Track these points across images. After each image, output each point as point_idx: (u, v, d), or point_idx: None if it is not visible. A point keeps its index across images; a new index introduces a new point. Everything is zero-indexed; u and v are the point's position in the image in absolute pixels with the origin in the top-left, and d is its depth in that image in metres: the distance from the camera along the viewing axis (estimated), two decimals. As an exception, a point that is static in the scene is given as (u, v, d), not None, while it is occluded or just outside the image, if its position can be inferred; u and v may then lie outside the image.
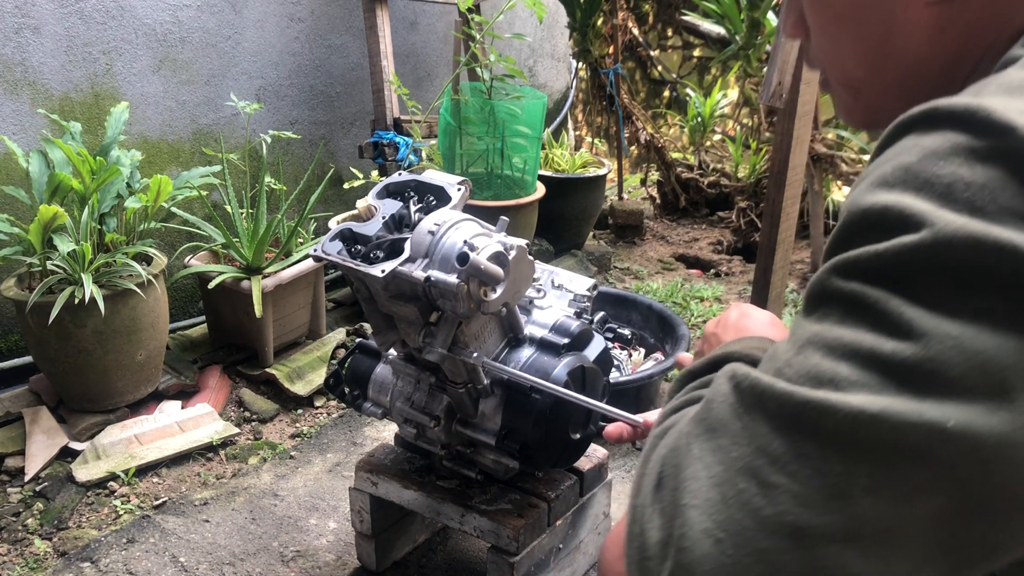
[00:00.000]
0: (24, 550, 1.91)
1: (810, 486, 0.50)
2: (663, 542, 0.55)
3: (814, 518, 0.50)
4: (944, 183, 0.51)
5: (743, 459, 0.53)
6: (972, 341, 0.49)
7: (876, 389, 0.50)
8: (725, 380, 0.57)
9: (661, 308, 2.69)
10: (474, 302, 1.30)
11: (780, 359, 0.55)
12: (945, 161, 0.52)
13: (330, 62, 3.20)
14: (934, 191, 0.51)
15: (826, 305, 0.55)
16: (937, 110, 0.54)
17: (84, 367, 2.20)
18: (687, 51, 5.19)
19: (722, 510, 0.52)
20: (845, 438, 0.50)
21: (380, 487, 1.71)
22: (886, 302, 0.51)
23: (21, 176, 2.32)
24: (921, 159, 0.53)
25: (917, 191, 0.52)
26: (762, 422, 0.53)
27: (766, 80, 2.34)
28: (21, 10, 2.32)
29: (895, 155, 0.55)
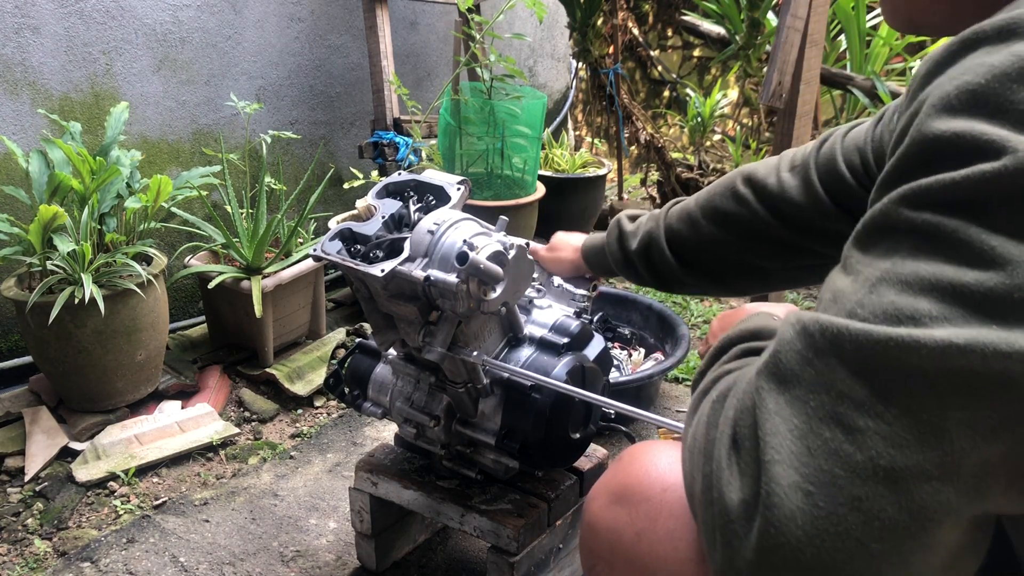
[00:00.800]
0: (24, 550, 1.91)
1: (900, 425, 0.48)
2: (747, 502, 0.53)
3: (909, 458, 0.48)
4: (1019, 108, 0.49)
5: (824, 406, 0.50)
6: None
7: (961, 321, 0.48)
8: (790, 328, 0.54)
9: (661, 308, 2.69)
10: (474, 301, 1.30)
11: (849, 300, 0.52)
12: (1019, 83, 0.49)
13: (330, 62, 3.20)
14: (1008, 117, 0.49)
15: (893, 238, 0.52)
16: (1015, 22, 0.51)
17: (84, 367, 2.20)
18: (687, 51, 5.19)
19: (809, 462, 0.50)
20: (934, 372, 0.48)
21: (380, 487, 1.71)
22: (965, 231, 0.49)
23: (21, 176, 2.32)
24: (991, 80, 0.50)
25: (990, 117, 0.49)
26: (839, 366, 0.51)
27: (766, 80, 2.34)
28: (21, 10, 2.32)
29: (959, 74, 0.51)
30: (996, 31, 0.52)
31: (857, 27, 3.46)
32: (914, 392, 0.48)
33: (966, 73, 0.51)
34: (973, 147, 0.49)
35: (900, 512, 0.48)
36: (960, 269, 0.49)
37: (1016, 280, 0.47)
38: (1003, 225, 0.48)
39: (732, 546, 0.53)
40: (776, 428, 0.52)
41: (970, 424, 0.48)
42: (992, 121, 0.49)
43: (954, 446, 0.48)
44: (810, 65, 2.40)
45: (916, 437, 0.48)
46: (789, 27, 2.28)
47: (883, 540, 0.48)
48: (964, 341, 0.47)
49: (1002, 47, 0.51)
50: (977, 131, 0.49)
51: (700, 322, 3.16)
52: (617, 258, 1.48)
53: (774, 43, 2.34)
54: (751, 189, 1.30)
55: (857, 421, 0.49)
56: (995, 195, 0.49)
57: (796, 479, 0.50)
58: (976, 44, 0.53)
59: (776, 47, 2.31)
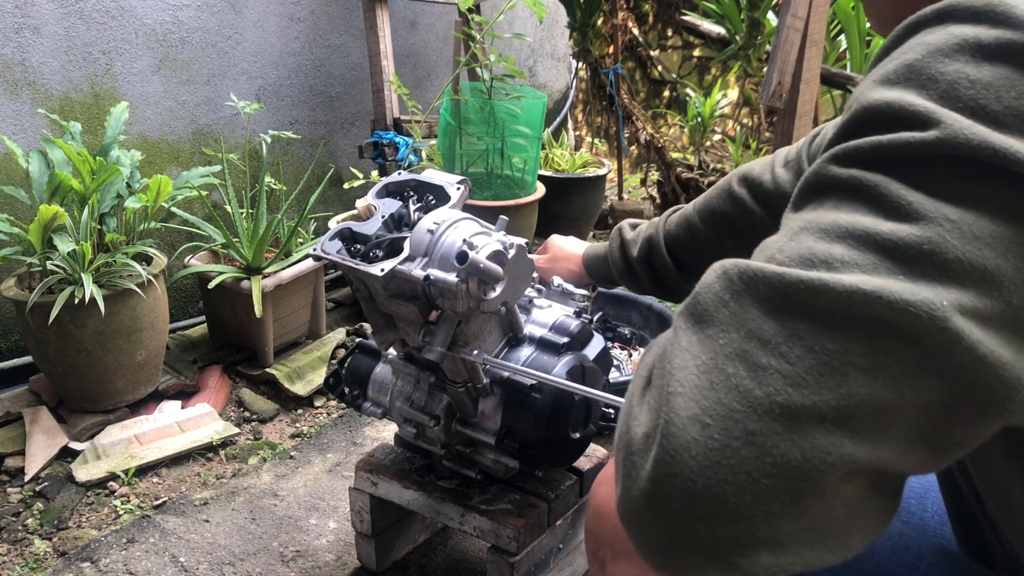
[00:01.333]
0: (24, 550, 1.91)
1: (801, 365, 0.49)
2: (648, 435, 0.53)
3: (806, 398, 0.48)
4: (948, 80, 0.51)
5: (732, 344, 0.51)
6: (972, 226, 0.49)
7: (871, 269, 0.49)
8: (712, 272, 0.55)
9: (661, 308, 2.69)
10: (473, 301, 1.29)
11: (771, 247, 0.54)
12: (950, 58, 0.52)
13: (330, 62, 3.20)
14: (937, 88, 0.51)
15: (821, 194, 0.55)
16: (951, 6, 0.54)
17: (84, 367, 2.20)
18: (687, 51, 5.19)
19: (710, 395, 0.51)
20: (839, 317, 0.49)
21: (380, 487, 1.71)
22: (886, 185, 0.51)
23: (21, 176, 2.32)
24: (925, 56, 0.52)
25: (920, 88, 0.52)
26: (751, 306, 0.52)
27: (766, 80, 2.34)
28: (21, 10, 2.32)
29: (900, 54, 0.54)
30: (935, 14, 0.55)
31: (857, 27, 3.46)
32: (818, 334, 0.49)
33: (906, 52, 0.54)
34: (902, 116, 0.52)
35: (792, 449, 0.48)
36: (877, 220, 0.50)
37: (927, 233, 0.49)
38: (924, 184, 0.50)
39: (630, 477, 0.53)
40: (684, 363, 0.53)
41: (870, 372, 0.48)
42: (921, 92, 0.52)
43: (851, 391, 0.48)
44: (810, 65, 2.40)
45: (815, 378, 0.49)
46: (789, 27, 2.28)
47: (774, 476, 0.48)
48: (871, 288, 0.48)
49: (940, 28, 0.54)
50: (907, 101, 0.52)
51: (700, 322, 3.16)
52: (619, 267, 1.49)
53: (774, 43, 2.34)
54: (747, 188, 1.30)
55: (761, 359, 0.50)
56: (920, 158, 0.51)
57: (695, 411, 0.51)
58: (918, 27, 0.56)
59: (776, 47, 2.31)
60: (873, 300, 0.48)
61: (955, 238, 0.48)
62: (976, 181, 0.49)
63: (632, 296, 2.79)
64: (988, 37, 0.51)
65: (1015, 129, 0.49)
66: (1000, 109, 0.50)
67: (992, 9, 0.52)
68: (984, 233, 0.49)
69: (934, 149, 0.50)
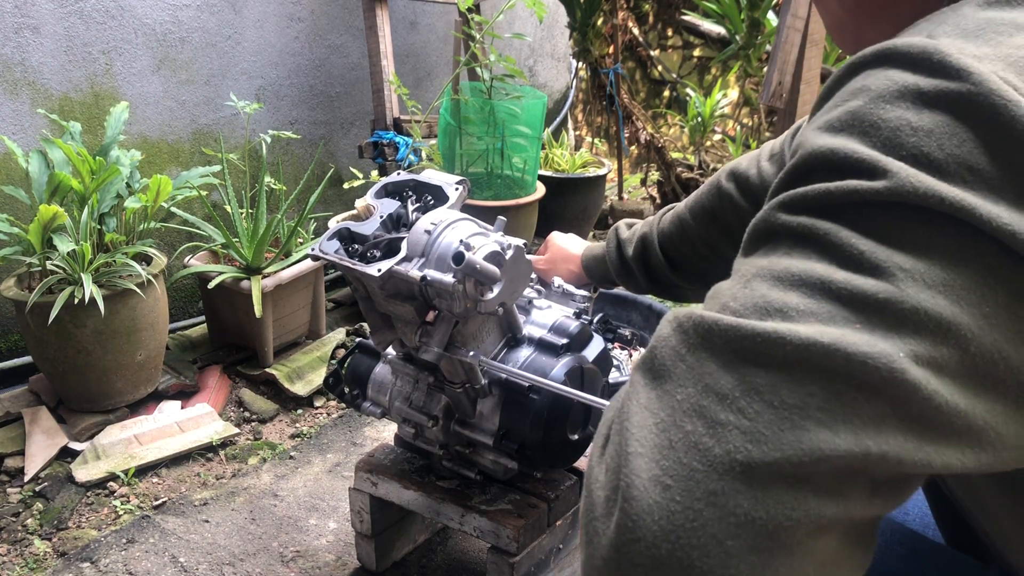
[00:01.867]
0: (24, 550, 1.91)
1: (761, 420, 0.48)
2: (609, 497, 0.52)
3: (766, 454, 0.47)
4: (890, 127, 0.51)
5: (689, 400, 0.50)
6: (924, 274, 0.48)
7: (828, 319, 0.49)
8: (666, 323, 0.55)
9: (661, 308, 2.68)
10: (470, 301, 1.29)
11: (724, 295, 0.54)
12: (891, 104, 0.52)
13: (330, 62, 3.20)
14: (880, 135, 0.51)
15: (771, 241, 0.54)
16: (889, 50, 0.54)
17: (84, 367, 2.20)
18: (687, 51, 5.19)
19: (669, 455, 0.49)
20: (797, 369, 0.48)
21: (380, 487, 1.71)
22: (836, 233, 0.51)
23: (21, 176, 2.33)
24: (868, 102, 0.53)
25: (863, 135, 0.52)
26: (708, 360, 0.51)
27: (766, 80, 2.34)
28: (21, 10, 2.32)
29: (843, 98, 0.55)
30: (874, 56, 0.55)
31: (857, 27, 3.46)
32: (777, 387, 0.48)
33: (848, 97, 0.54)
34: (848, 163, 0.52)
35: (755, 508, 0.47)
36: (830, 267, 0.50)
37: (882, 282, 0.48)
38: (875, 232, 0.50)
39: (592, 543, 0.52)
40: (643, 421, 0.52)
41: (830, 426, 0.47)
42: (865, 140, 0.52)
43: (813, 446, 0.47)
44: (810, 65, 2.40)
45: (774, 433, 0.47)
46: (789, 27, 2.28)
47: (739, 537, 0.47)
48: (828, 340, 0.47)
49: (880, 71, 0.54)
50: (850, 148, 0.52)
51: (700, 322, 3.16)
52: (616, 266, 1.49)
53: (774, 43, 2.33)
54: (734, 183, 1.31)
55: (719, 415, 0.49)
56: (869, 206, 0.50)
57: (656, 472, 0.49)
58: (859, 68, 0.56)
59: (776, 47, 2.31)
60: (831, 352, 0.47)
61: (909, 287, 0.48)
62: (925, 229, 0.49)
63: (632, 296, 2.79)
64: (927, 85, 0.51)
65: (958, 177, 0.49)
66: (943, 157, 0.50)
67: (928, 57, 0.52)
68: (937, 281, 0.48)
69: (883, 197, 0.50)
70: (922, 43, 0.53)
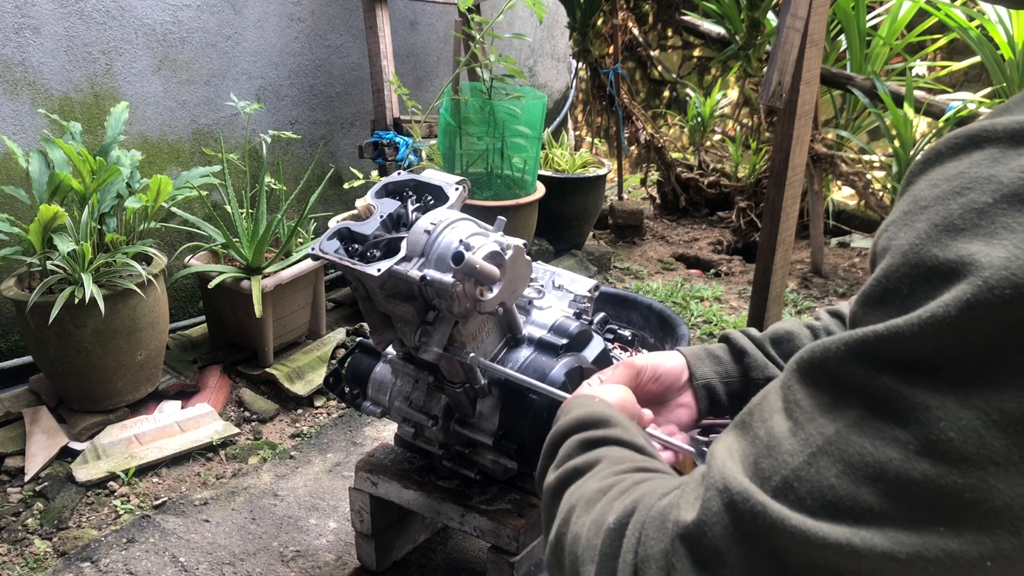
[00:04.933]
0: (24, 550, 1.91)
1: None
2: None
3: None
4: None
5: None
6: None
7: (907, 523, 0.43)
8: (717, 498, 0.49)
9: (661, 308, 2.68)
10: (470, 301, 1.29)
11: (786, 462, 0.47)
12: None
13: (330, 62, 3.20)
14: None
15: (839, 391, 0.47)
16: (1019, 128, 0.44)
17: (84, 367, 2.20)
18: (687, 51, 5.19)
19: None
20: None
21: (380, 487, 1.71)
22: (924, 413, 0.43)
23: (21, 176, 2.33)
24: (1000, 200, 0.43)
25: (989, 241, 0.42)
26: (767, 558, 0.47)
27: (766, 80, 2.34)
28: (21, 10, 2.32)
29: (963, 185, 0.45)
30: (1006, 133, 0.45)
31: (857, 27, 3.46)
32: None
33: (974, 185, 0.45)
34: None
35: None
36: (910, 458, 0.43)
37: (969, 476, 0.42)
38: (968, 403, 0.42)
39: None
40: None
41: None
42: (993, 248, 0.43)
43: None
44: (810, 65, 2.40)
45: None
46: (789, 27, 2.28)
47: None
48: (906, 554, 0.43)
49: (1011, 153, 0.44)
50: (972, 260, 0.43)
51: (700, 322, 3.16)
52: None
53: (774, 43, 2.33)
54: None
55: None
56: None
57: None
58: (976, 145, 0.46)
59: (776, 47, 2.31)
60: (907, 564, 0.43)
61: (1001, 480, 0.42)
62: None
63: (632, 296, 2.79)
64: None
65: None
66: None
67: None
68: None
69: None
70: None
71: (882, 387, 0.45)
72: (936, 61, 4.23)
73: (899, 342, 0.44)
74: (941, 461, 0.42)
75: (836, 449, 0.45)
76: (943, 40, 3.88)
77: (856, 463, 0.44)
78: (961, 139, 0.46)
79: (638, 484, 0.61)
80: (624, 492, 0.60)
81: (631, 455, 0.69)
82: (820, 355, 0.48)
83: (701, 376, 0.95)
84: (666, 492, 0.57)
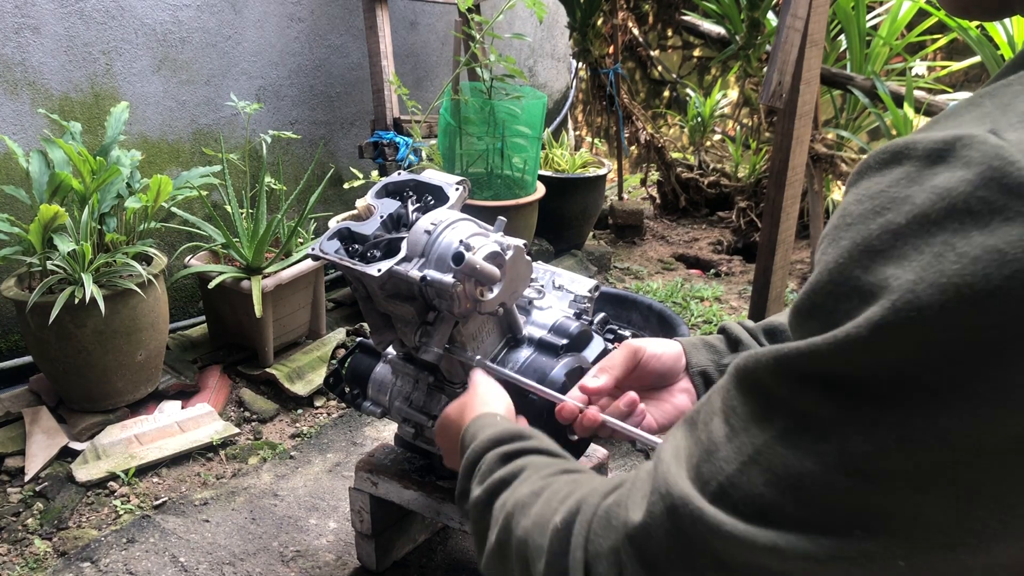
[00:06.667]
0: (24, 550, 1.91)
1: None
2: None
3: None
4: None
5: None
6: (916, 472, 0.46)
7: (824, 529, 0.48)
8: (660, 503, 0.54)
9: (661, 308, 2.69)
10: (470, 302, 1.29)
11: (721, 468, 0.51)
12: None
13: (330, 62, 3.20)
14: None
15: (768, 403, 0.51)
16: (936, 145, 0.45)
17: (84, 367, 2.21)
18: (687, 51, 5.19)
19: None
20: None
21: (380, 487, 1.71)
22: (841, 429, 0.48)
23: (21, 176, 2.33)
24: (911, 221, 0.44)
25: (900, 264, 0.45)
26: (707, 559, 0.51)
27: (766, 80, 2.34)
28: (21, 10, 2.32)
29: (883, 205, 0.46)
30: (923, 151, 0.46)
31: (857, 27, 3.46)
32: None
33: (893, 205, 0.46)
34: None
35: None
36: (827, 471, 0.47)
37: (881, 488, 0.45)
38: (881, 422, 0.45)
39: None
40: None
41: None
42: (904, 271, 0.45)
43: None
44: (810, 65, 2.40)
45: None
46: (789, 27, 2.28)
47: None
48: (826, 555, 0.47)
49: (926, 173, 0.45)
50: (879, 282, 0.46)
51: (700, 322, 3.16)
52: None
53: (774, 43, 2.33)
54: None
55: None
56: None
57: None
58: (898, 160, 0.48)
59: (776, 47, 2.31)
60: (827, 563, 0.47)
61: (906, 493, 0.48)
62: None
63: (632, 296, 2.79)
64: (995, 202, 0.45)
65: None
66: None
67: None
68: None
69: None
70: (981, 142, 0.43)
71: (804, 402, 0.48)
72: (936, 61, 4.23)
73: (818, 359, 0.47)
74: (855, 475, 0.46)
75: (764, 459, 0.49)
76: (943, 40, 3.88)
77: (781, 474, 0.48)
78: (887, 154, 0.48)
79: (576, 483, 0.65)
80: (565, 495, 0.64)
81: (552, 460, 0.74)
82: (753, 365, 0.52)
83: (696, 364, 0.99)
84: (608, 491, 0.61)
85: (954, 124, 0.46)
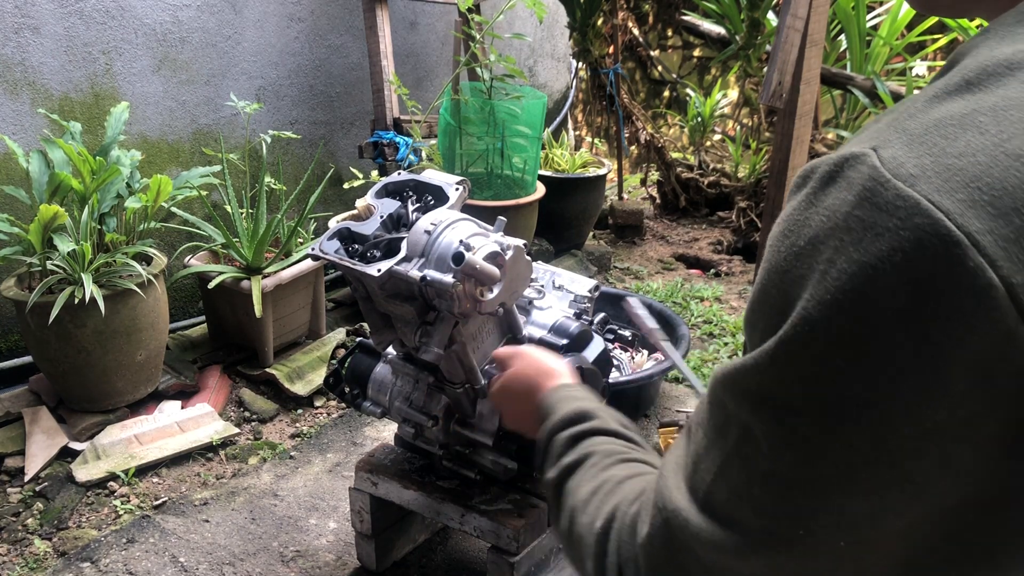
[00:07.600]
0: (24, 550, 1.91)
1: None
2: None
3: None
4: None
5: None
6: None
7: (775, 531, 0.53)
8: (659, 515, 0.59)
9: (661, 308, 2.69)
10: (470, 302, 1.29)
11: (703, 479, 0.56)
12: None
13: (330, 62, 3.20)
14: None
15: (725, 417, 0.57)
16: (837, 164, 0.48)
17: (84, 367, 2.20)
18: (687, 51, 5.19)
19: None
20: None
21: (380, 487, 1.71)
22: (768, 436, 0.53)
23: (21, 176, 2.33)
24: (808, 243, 0.48)
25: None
26: (696, 563, 0.56)
27: (766, 80, 2.34)
28: (21, 10, 2.32)
29: (790, 228, 0.50)
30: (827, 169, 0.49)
31: (857, 27, 3.46)
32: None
33: (811, 220, 0.50)
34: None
35: None
36: (767, 482, 0.51)
37: (815, 494, 0.50)
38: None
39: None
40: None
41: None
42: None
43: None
44: (810, 65, 2.40)
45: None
46: (789, 27, 2.28)
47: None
48: (782, 552, 0.52)
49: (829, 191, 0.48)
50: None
51: (700, 322, 3.16)
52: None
53: (774, 43, 2.33)
54: None
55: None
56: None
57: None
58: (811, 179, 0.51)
59: (776, 47, 2.31)
60: (776, 569, 0.53)
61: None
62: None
63: (632, 296, 2.78)
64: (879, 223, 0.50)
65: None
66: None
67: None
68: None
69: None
70: (867, 164, 0.46)
71: (745, 416, 0.52)
72: (936, 61, 4.23)
73: (748, 375, 0.51)
74: (793, 486, 0.50)
75: (726, 471, 0.54)
76: (943, 40, 3.88)
77: (737, 484, 0.53)
78: (800, 176, 0.52)
79: (620, 484, 0.71)
80: (608, 494, 0.70)
81: (614, 447, 0.79)
82: (712, 379, 0.56)
83: None
84: (635, 498, 0.66)
85: (856, 141, 0.49)
